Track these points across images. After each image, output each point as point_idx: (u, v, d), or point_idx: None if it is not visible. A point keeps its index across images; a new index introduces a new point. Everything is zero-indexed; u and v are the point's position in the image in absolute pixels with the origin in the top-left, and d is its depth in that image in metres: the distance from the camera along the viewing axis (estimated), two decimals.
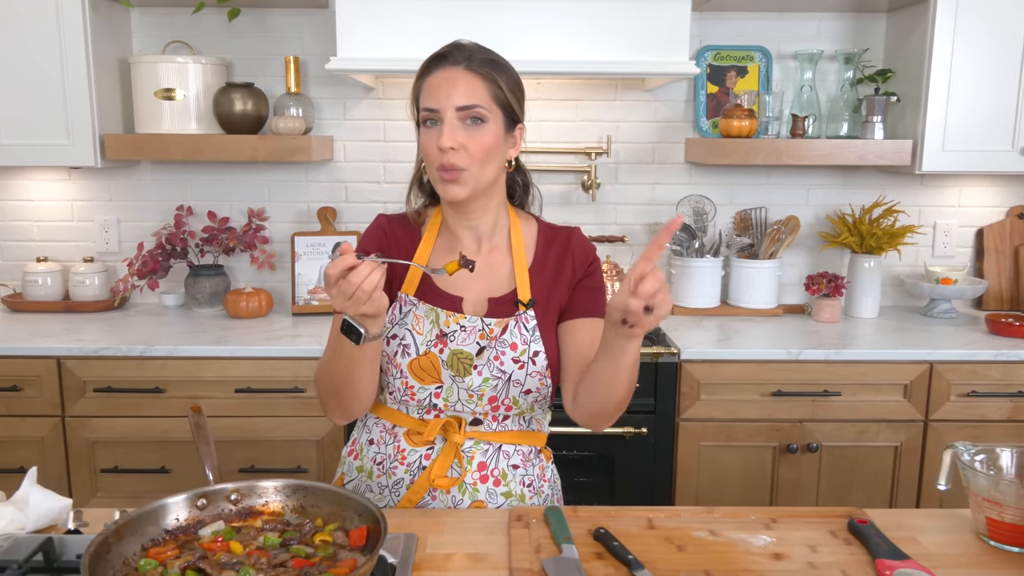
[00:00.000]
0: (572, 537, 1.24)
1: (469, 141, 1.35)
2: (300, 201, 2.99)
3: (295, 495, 1.22)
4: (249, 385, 2.42)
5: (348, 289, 1.17)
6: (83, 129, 2.60)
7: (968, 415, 2.47)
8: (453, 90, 1.35)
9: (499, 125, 1.39)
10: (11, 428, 2.44)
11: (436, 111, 1.35)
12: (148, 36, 2.88)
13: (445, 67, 1.37)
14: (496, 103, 1.38)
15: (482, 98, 1.36)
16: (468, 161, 1.36)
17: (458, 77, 1.36)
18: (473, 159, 1.36)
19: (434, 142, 1.35)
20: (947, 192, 3.03)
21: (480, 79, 1.37)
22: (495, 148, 1.39)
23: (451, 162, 1.35)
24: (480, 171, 1.38)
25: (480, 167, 1.37)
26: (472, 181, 1.38)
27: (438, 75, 1.37)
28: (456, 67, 1.37)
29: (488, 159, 1.38)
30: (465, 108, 1.35)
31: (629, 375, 1.28)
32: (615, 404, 1.34)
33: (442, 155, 1.35)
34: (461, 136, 1.35)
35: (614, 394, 1.31)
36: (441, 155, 1.35)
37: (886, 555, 1.20)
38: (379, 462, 1.48)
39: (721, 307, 2.91)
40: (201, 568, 1.06)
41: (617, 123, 2.96)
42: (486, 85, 1.37)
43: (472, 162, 1.36)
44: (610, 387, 1.30)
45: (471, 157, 1.36)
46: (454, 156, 1.34)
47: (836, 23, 2.93)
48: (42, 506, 1.28)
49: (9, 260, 3.00)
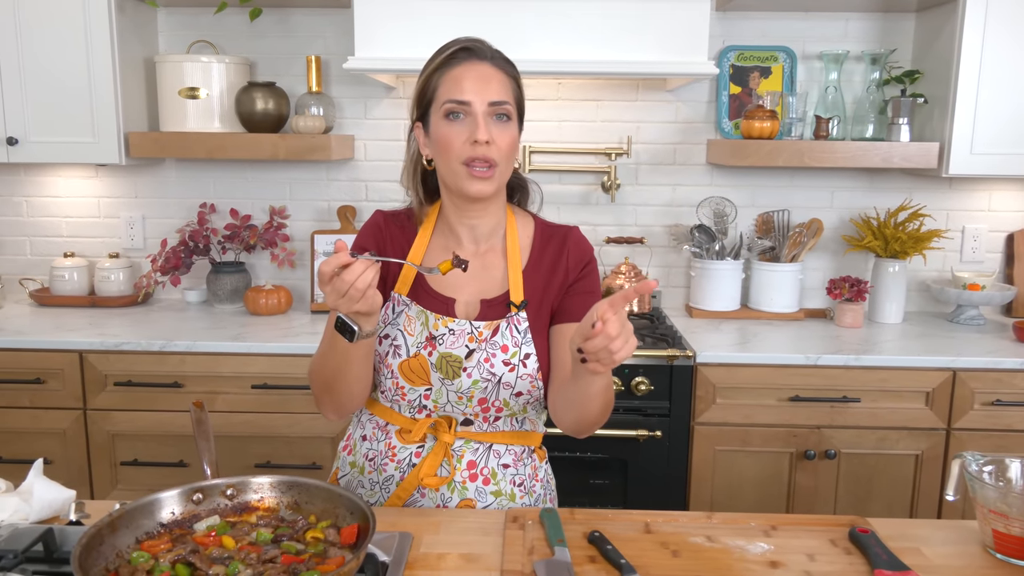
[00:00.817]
0: (566, 540, 1.23)
1: (499, 137, 1.35)
2: (321, 199, 3.01)
3: (290, 491, 1.23)
4: (266, 381, 2.45)
5: (342, 287, 1.17)
6: (108, 127, 2.64)
7: (992, 424, 2.41)
8: (486, 85, 1.35)
9: (517, 124, 1.41)
10: (34, 420, 2.49)
11: (467, 104, 1.34)
12: (174, 36, 2.92)
13: (473, 61, 1.37)
14: (516, 103, 1.40)
15: (510, 95, 1.38)
16: (499, 156, 1.36)
17: (489, 72, 1.36)
18: (502, 155, 1.36)
19: (464, 135, 1.34)
20: (977, 196, 2.97)
21: (507, 77, 1.38)
22: (516, 146, 1.41)
23: (486, 155, 1.34)
24: (506, 168, 1.39)
25: (507, 164, 1.39)
26: (500, 178, 1.39)
27: (466, 68, 1.36)
28: (484, 62, 1.37)
29: (512, 156, 1.40)
30: (497, 103, 1.35)
31: (602, 401, 1.29)
32: (589, 423, 1.35)
33: (474, 148, 1.34)
34: (494, 131, 1.35)
35: (587, 415, 1.32)
36: (473, 148, 1.34)
37: (885, 566, 1.17)
38: (371, 458, 1.49)
39: (741, 310, 2.88)
40: (191, 562, 1.07)
41: (638, 123, 2.94)
42: (511, 84, 1.39)
43: (501, 158, 1.36)
44: (582, 408, 1.31)
45: (500, 153, 1.36)
46: (487, 150, 1.34)
47: (863, 23, 2.88)
48: (45, 497, 1.30)
49: (38, 255, 3.06)
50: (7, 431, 2.50)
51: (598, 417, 1.33)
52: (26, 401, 2.48)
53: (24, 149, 2.65)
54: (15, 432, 2.49)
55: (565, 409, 1.36)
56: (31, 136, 2.65)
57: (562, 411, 1.38)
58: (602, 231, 2.99)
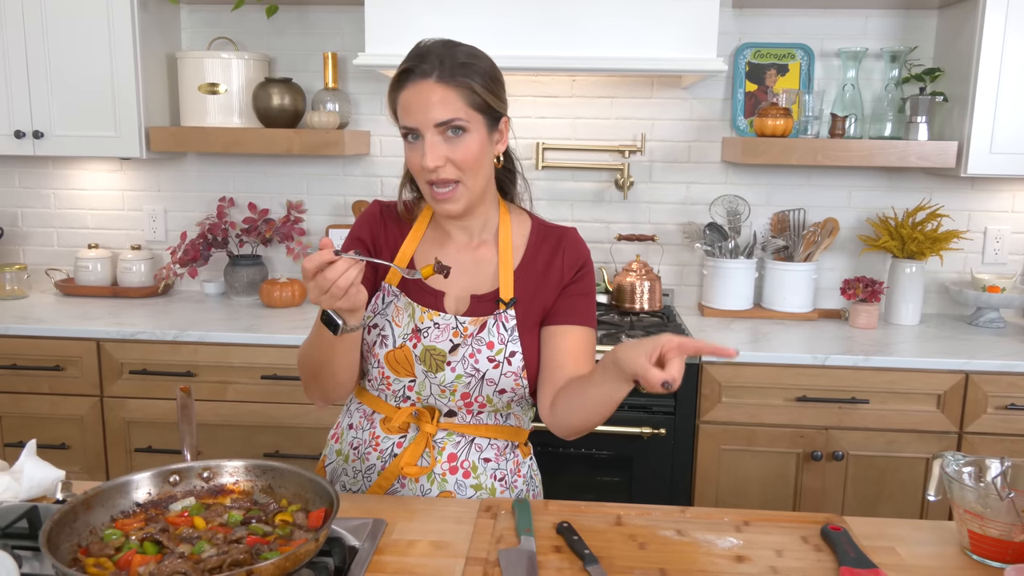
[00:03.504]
0: (533, 530, 1.24)
1: (453, 153, 1.32)
2: (337, 194, 3.05)
3: (264, 476, 1.25)
4: (275, 372, 2.49)
5: (324, 284, 1.18)
6: (130, 122, 2.71)
7: (1005, 429, 2.36)
8: (427, 107, 1.31)
9: (481, 130, 1.35)
10: (54, 406, 2.56)
11: (415, 129, 1.33)
12: (197, 32, 2.99)
13: (416, 81, 1.32)
14: (474, 109, 1.33)
15: (459, 109, 1.31)
16: (457, 172, 1.34)
17: (431, 92, 1.31)
18: (462, 170, 1.34)
19: (418, 160, 1.34)
20: (1000, 197, 2.90)
21: (453, 89, 1.31)
22: (481, 154, 1.36)
23: (440, 178, 1.33)
24: (473, 181, 1.36)
25: (472, 177, 1.36)
26: (466, 194, 1.37)
27: (410, 91, 1.33)
28: (426, 80, 1.31)
29: (477, 167, 1.36)
30: (443, 123, 1.31)
31: (615, 407, 1.32)
32: (593, 425, 1.38)
33: (429, 172, 1.34)
34: (444, 150, 1.32)
35: (595, 419, 1.35)
36: (428, 172, 1.34)
37: (852, 563, 1.16)
38: (355, 447, 1.51)
39: (754, 309, 2.85)
40: (159, 540, 1.10)
41: (652, 121, 2.93)
42: (461, 94, 1.32)
43: (461, 173, 1.34)
44: (593, 414, 1.34)
45: (459, 169, 1.34)
46: (442, 172, 1.33)
47: (884, 20, 2.84)
48: (35, 476, 1.34)
49: (64, 246, 3.15)
50: (28, 416, 2.57)
51: (600, 422, 1.37)
52: (46, 387, 2.55)
53: (49, 143, 2.73)
54: (36, 417, 2.57)
55: (569, 413, 1.37)
56: (56, 130, 2.73)
57: (564, 415, 1.38)
58: (615, 228, 2.98)
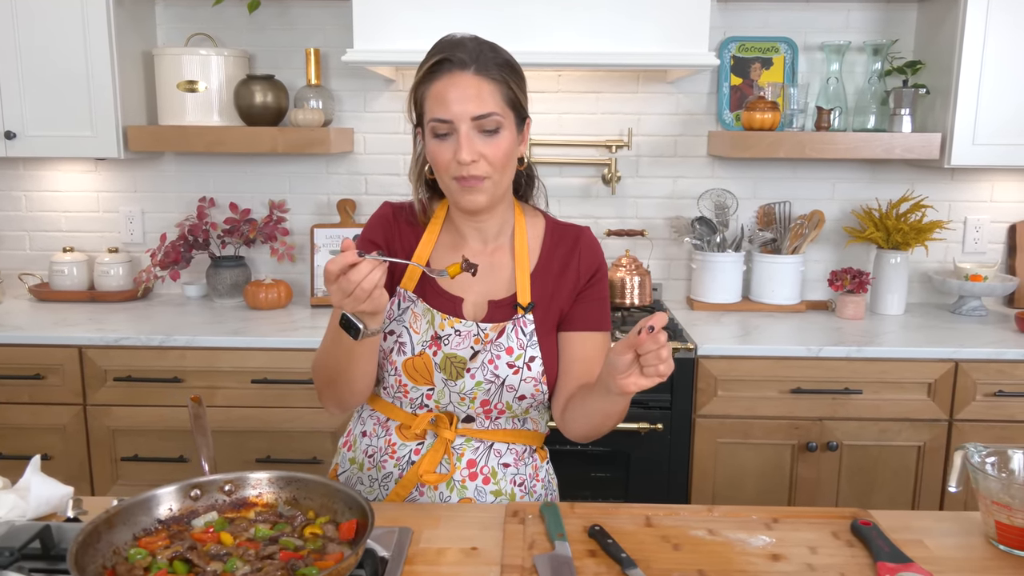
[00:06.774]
0: (566, 534, 1.23)
1: (487, 149, 1.30)
2: (320, 193, 3.00)
3: (288, 487, 1.22)
4: (265, 376, 2.44)
5: (347, 287, 1.15)
6: (106, 121, 2.63)
7: (994, 415, 2.40)
8: (466, 100, 1.28)
9: (512, 128, 1.34)
10: (34, 416, 2.48)
11: (449, 122, 1.29)
12: (173, 29, 2.91)
13: (454, 73, 1.29)
14: (509, 106, 1.32)
15: (496, 104, 1.30)
16: (489, 170, 1.31)
17: (469, 84, 1.28)
18: (494, 167, 1.32)
19: (449, 154, 1.30)
20: (979, 187, 2.95)
21: (493, 84, 1.30)
22: (511, 153, 1.34)
23: (472, 174, 1.30)
24: (500, 178, 1.35)
25: (500, 174, 1.34)
26: (492, 189, 1.34)
27: (447, 82, 1.29)
28: (465, 72, 1.29)
29: (507, 166, 1.35)
30: (481, 117, 1.29)
31: (620, 418, 1.34)
32: (603, 431, 1.39)
33: (460, 167, 1.30)
34: (479, 146, 1.30)
35: (601, 429, 1.38)
36: (459, 167, 1.30)
37: (888, 558, 1.17)
38: (370, 455, 1.48)
39: (742, 303, 2.86)
40: (189, 559, 1.06)
41: (639, 115, 2.92)
42: (497, 88, 1.30)
43: (493, 170, 1.32)
44: (599, 424, 1.36)
45: (491, 166, 1.31)
46: (475, 168, 1.30)
47: (865, 13, 2.86)
48: (43, 494, 1.29)
49: (37, 250, 3.05)
50: (7, 427, 2.49)
51: (610, 428, 1.37)
52: (26, 397, 2.47)
53: (22, 143, 2.64)
54: (15, 428, 2.49)
55: (578, 421, 1.38)
56: (29, 130, 2.64)
57: (573, 422, 1.39)
58: (603, 224, 2.97)
